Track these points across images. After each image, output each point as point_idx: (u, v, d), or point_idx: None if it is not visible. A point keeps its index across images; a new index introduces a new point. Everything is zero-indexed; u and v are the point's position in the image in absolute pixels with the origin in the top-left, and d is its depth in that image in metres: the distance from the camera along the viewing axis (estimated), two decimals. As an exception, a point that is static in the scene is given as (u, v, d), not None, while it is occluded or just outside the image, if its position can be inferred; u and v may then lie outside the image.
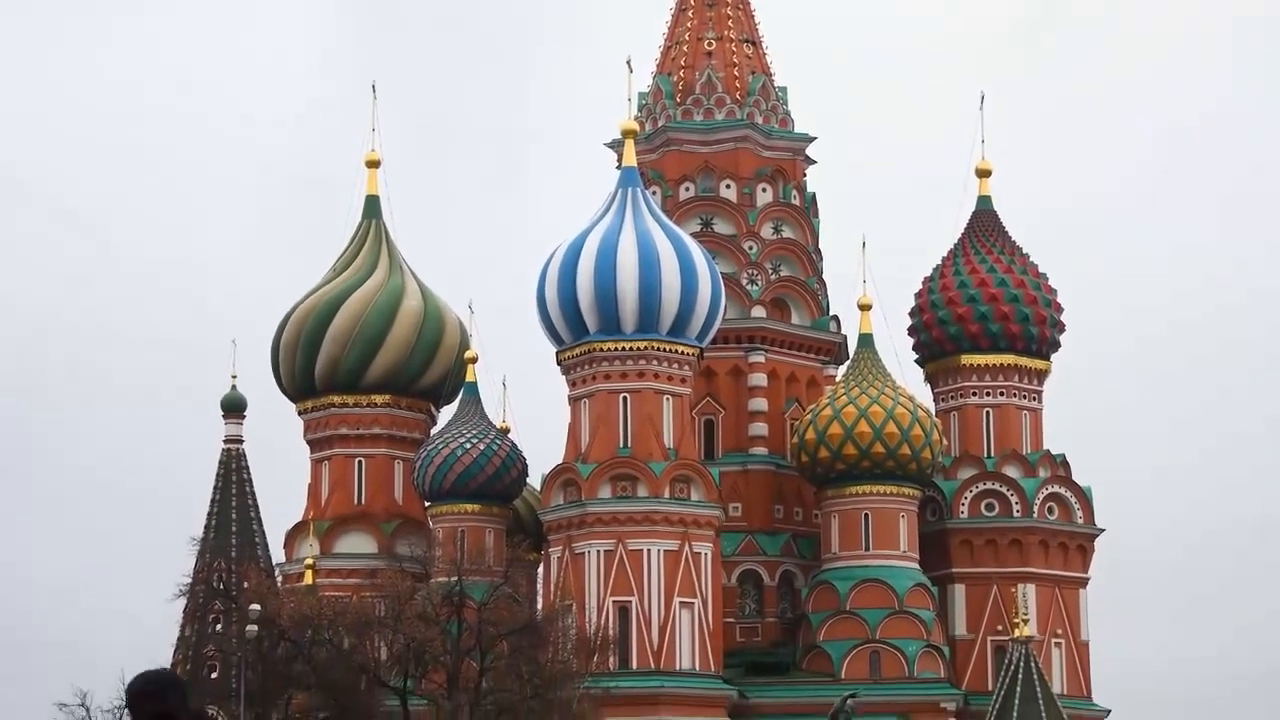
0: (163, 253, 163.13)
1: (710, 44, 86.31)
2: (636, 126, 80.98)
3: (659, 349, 74.80)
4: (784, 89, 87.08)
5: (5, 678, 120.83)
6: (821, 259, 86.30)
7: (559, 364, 76.83)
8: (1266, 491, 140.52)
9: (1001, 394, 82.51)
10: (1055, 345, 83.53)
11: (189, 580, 71.17)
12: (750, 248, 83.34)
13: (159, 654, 76.94)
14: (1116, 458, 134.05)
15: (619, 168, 79.21)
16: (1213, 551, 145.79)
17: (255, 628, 52.13)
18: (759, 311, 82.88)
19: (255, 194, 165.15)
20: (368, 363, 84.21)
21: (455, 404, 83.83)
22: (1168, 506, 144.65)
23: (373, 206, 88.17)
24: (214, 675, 73.68)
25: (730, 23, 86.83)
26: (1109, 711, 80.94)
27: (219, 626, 75.72)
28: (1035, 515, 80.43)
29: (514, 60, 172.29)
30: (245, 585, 70.19)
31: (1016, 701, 70.37)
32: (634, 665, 72.28)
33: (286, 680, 59.50)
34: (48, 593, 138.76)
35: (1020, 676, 70.82)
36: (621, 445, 74.95)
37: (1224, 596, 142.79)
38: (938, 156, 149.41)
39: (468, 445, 79.63)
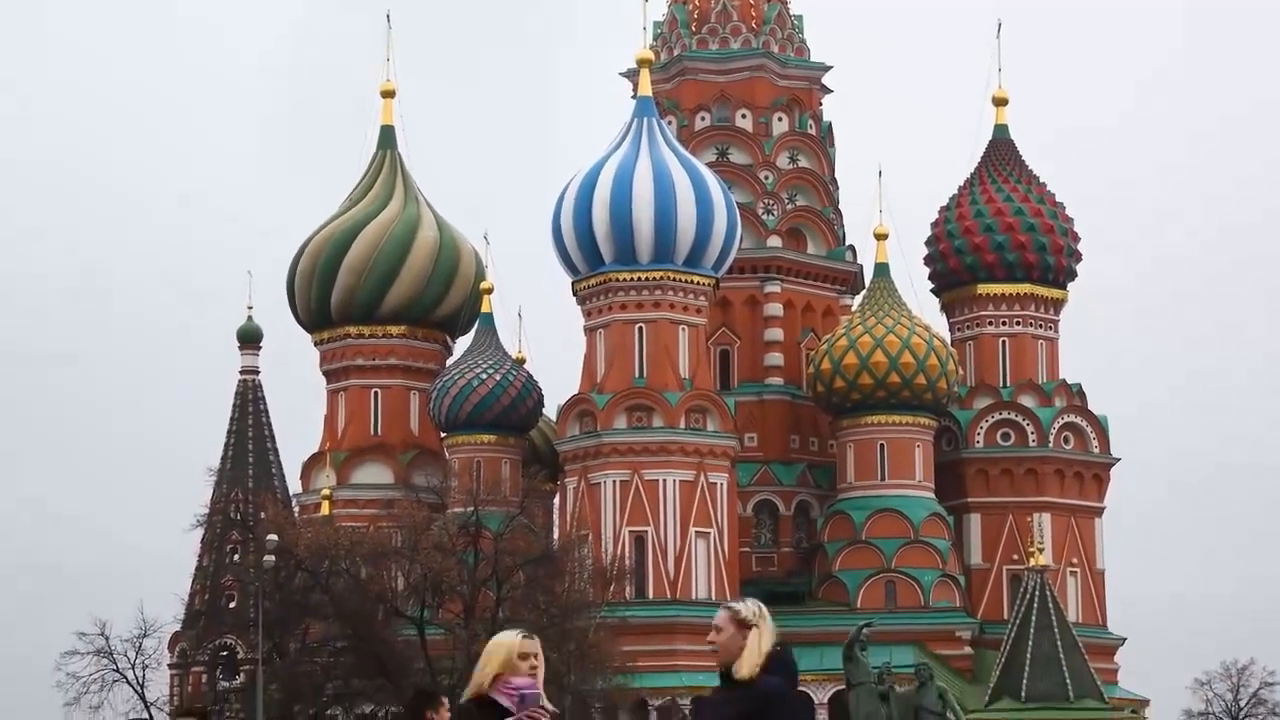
0: (178, 185, 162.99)
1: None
2: (652, 56, 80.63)
3: (674, 279, 74.69)
4: (800, 17, 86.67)
5: (25, 608, 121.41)
6: (837, 188, 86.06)
7: (574, 294, 76.76)
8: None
9: (1018, 323, 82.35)
10: (1072, 274, 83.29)
11: (206, 511, 71.39)
12: (766, 177, 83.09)
13: (177, 584, 77.38)
14: (1133, 387, 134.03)
15: (634, 97, 78.90)
16: (1229, 480, 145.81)
17: (272, 558, 52.27)
18: (775, 241, 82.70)
19: (270, 125, 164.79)
20: (383, 293, 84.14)
21: (471, 335, 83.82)
22: (1184, 435, 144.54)
23: (388, 137, 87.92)
24: (232, 605, 74.00)
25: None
26: (1124, 640, 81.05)
27: (236, 557, 76.00)
28: (1051, 445, 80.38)
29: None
30: (262, 516, 70.40)
31: (1031, 630, 70.40)
32: (650, 595, 72.47)
33: (304, 610, 59.68)
34: (66, 523, 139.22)
35: (1035, 605, 70.83)
36: (637, 375, 74.95)
37: (1239, 524, 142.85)
38: (954, 85, 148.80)
39: (483, 376, 79.64)
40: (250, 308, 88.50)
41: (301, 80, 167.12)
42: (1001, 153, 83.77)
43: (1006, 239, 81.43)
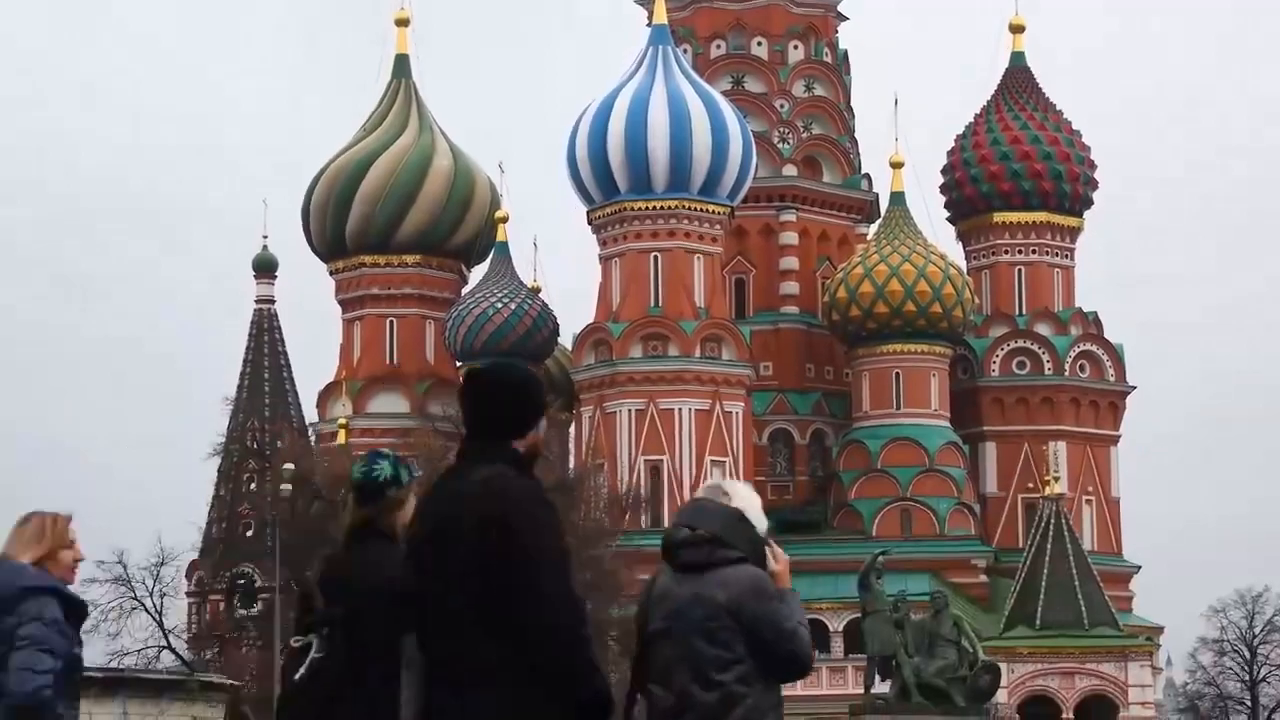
0: (193, 114, 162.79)
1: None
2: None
3: (690, 208, 74.60)
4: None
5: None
6: (853, 117, 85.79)
7: (589, 224, 76.70)
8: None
9: (1034, 252, 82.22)
10: (1088, 202, 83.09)
11: (223, 440, 71.55)
12: (781, 106, 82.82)
13: (194, 513, 77.69)
14: (1149, 315, 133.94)
15: (649, 25, 78.59)
16: (1244, 409, 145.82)
17: (289, 487, 52.32)
18: (790, 170, 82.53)
19: (285, 54, 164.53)
20: (398, 222, 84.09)
21: (486, 264, 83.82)
22: (1199, 363, 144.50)
23: (402, 66, 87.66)
24: (249, 534, 74.31)
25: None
26: (1139, 568, 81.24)
27: (253, 486, 76.23)
28: (1066, 373, 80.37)
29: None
30: (279, 445, 70.55)
31: (1047, 558, 70.53)
32: (665, 524, 72.54)
33: (321, 539, 59.82)
34: (83, 452, 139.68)
35: (1050, 533, 70.94)
36: (652, 305, 74.94)
37: (1255, 453, 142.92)
38: (971, 12, 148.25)
39: (499, 305, 79.66)
40: (265, 237, 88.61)
41: (316, 9, 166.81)
42: (1018, 80, 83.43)
43: (1022, 167, 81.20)
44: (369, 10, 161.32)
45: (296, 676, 7.92)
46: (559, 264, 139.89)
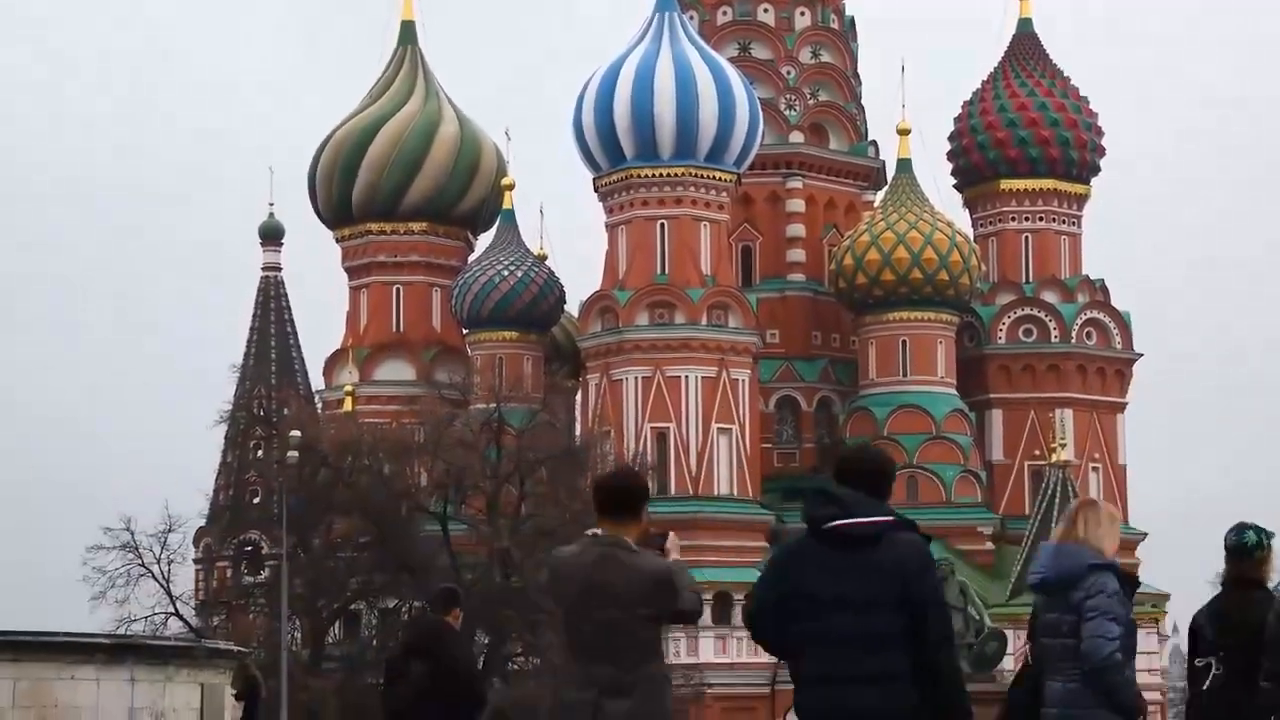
0: (199, 80, 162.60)
1: None
2: (673, -51, 79.98)
3: (696, 175, 74.50)
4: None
5: (50, 503, 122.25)
6: (860, 83, 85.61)
7: (596, 191, 76.62)
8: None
9: (1040, 219, 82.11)
10: (1095, 169, 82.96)
11: (230, 407, 71.57)
12: (788, 72, 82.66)
13: (201, 481, 77.78)
14: (1156, 282, 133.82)
15: (655, -9, 78.32)
16: (1251, 375, 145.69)
17: (296, 454, 52.36)
18: (797, 137, 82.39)
19: (291, 21, 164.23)
20: (405, 189, 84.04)
21: (492, 231, 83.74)
22: (1207, 331, 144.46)
23: (408, 32, 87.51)
24: (255, 501, 74.35)
25: None
26: (1146, 535, 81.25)
27: (260, 453, 76.23)
28: (1073, 340, 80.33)
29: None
30: (285, 412, 70.57)
31: (1053, 525, 70.66)
32: (672, 491, 72.71)
33: (327, 506, 59.86)
34: (91, 419, 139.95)
35: (1057, 501, 71.01)
36: (659, 272, 74.90)
37: (1261, 419, 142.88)
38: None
39: (505, 272, 79.61)
40: (272, 204, 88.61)
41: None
42: (1025, 47, 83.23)
43: (1030, 134, 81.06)
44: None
45: (1205, 687, 11.13)
46: (565, 231, 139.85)
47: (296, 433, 52.96)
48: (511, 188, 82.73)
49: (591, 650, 9.11)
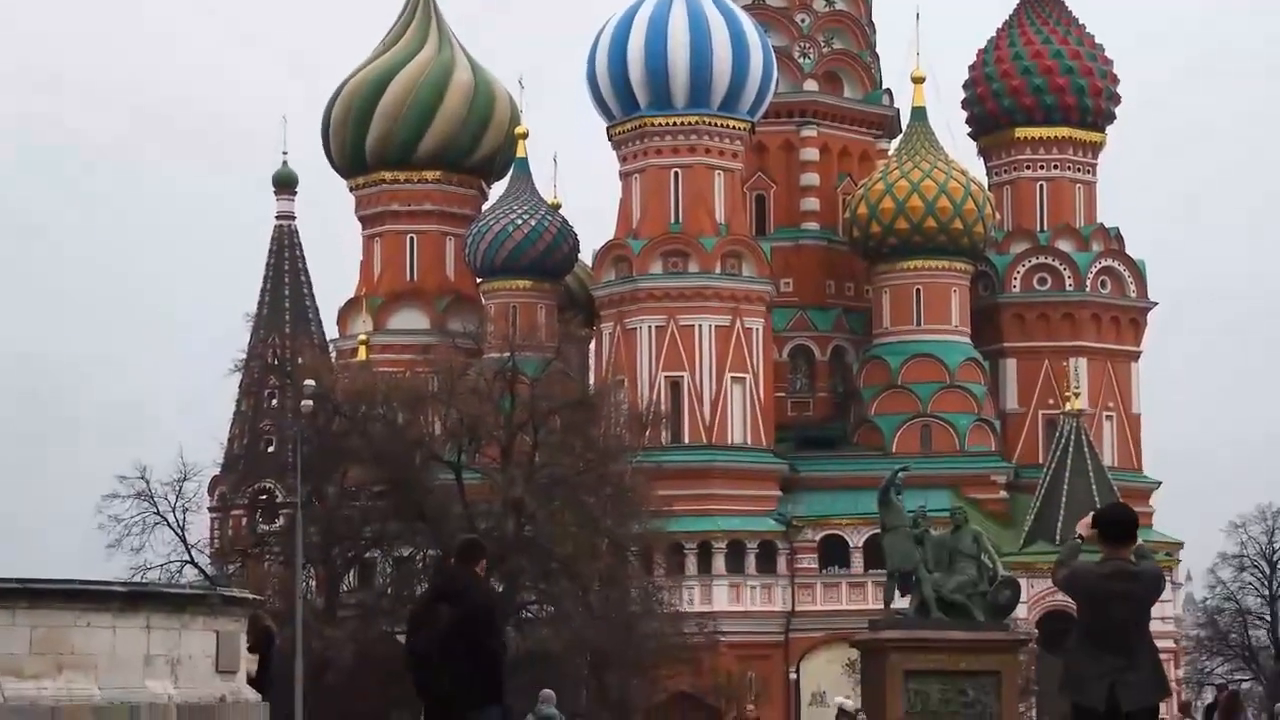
0: (212, 30, 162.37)
1: None
2: (687, -104, 79.61)
3: (710, 124, 74.34)
4: None
5: (66, 451, 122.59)
6: (874, 31, 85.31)
7: (610, 139, 76.47)
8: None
9: (1055, 167, 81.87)
10: (1110, 117, 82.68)
11: (244, 356, 71.64)
12: (802, 20, 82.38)
13: (216, 429, 77.94)
14: (1171, 231, 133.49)
15: (669, -61, 77.98)
16: (1266, 323, 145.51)
17: (310, 403, 52.39)
18: (811, 85, 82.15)
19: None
20: (418, 138, 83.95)
21: (506, 180, 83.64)
22: (1221, 279, 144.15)
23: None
24: (270, 449, 74.54)
25: None
26: (1159, 483, 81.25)
27: (274, 402, 76.39)
28: (1088, 289, 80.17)
29: None
30: (300, 361, 70.63)
31: (1067, 474, 70.68)
32: (685, 440, 72.78)
33: (341, 455, 59.93)
34: (107, 368, 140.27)
35: (1070, 450, 71.05)
36: (673, 221, 74.81)
37: (1276, 368, 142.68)
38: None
39: (519, 221, 79.52)
40: (285, 153, 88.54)
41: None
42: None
43: (1044, 82, 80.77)
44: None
45: None
46: (579, 180, 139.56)
47: (311, 382, 52.99)
48: (525, 136, 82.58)
49: (1107, 640, 11.73)
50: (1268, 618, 76.46)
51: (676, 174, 74.93)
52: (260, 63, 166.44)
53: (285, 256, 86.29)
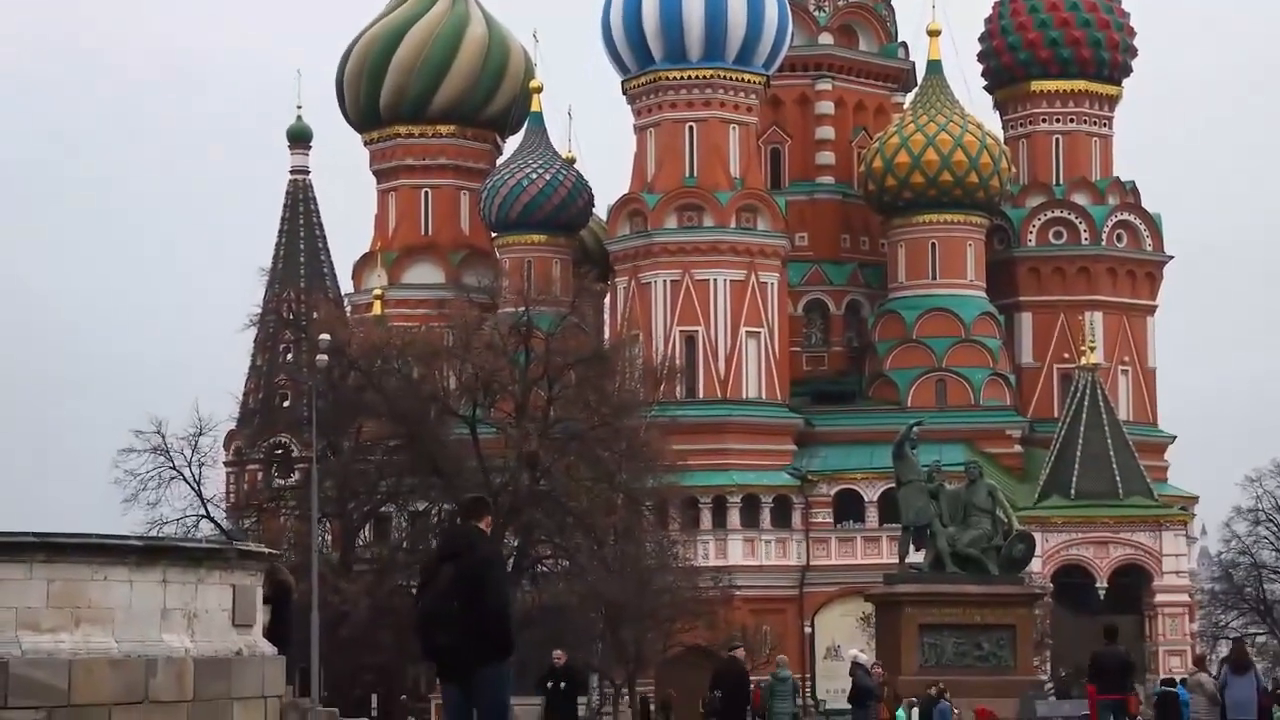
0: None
1: None
2: None
3: (725, 77, 74.16)
4: None
5: (83, 406, 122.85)
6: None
7: (624, 93, 76.31)
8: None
9: (1071, 120, 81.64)
10: (1127, 70, 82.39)
11: (259, 311, 71.63)
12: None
13: (231, 383, 78.06)
14: (1187, 184, 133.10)
15: (684, -109, 77.66)
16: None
17: (325, 358, 52.37)
18: (826, 38, 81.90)
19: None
20: (433, 92, 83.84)
21: (521, 134, 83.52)
22: (1237, 233, 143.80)
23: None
24: (285, 404, 74.58)
25: None
26: (1174, 437, 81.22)
27: (289, 356, 76.40)
28: (1104, 243, 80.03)
29: None
30: (315, 315, 70.63)
31: (1082, 428, 70.63)
32: (700, 395, 72.80)
33: (357, 409, 59.97)
34: (122, 323, 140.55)
35: (1086, 404, 70.98)
36: (687, 175, 74.70)
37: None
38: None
39: (533, 175, 79.42)
40: (300, 107, 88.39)
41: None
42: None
43: (1060, 34, 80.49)
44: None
45: None
46: (594, 134, 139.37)
47: (326, 336, 52.96)
48: (539, 90, 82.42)
49: None
50: (1282, 571, 76.45)
51: (691, 128, 74.78)
52: (275, 16, 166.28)
53: (300, 211, 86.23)
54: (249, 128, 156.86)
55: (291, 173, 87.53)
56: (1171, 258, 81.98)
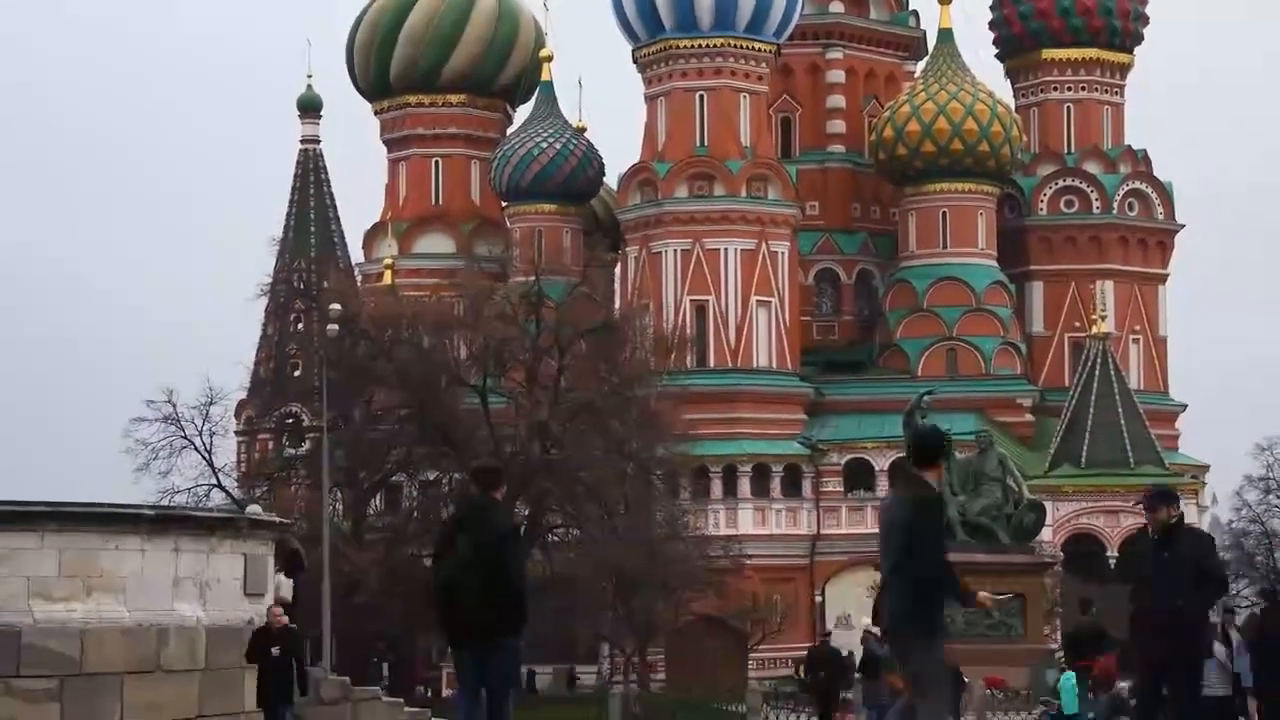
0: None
1: None
2: None
3: (736, 46, 73.99)
4: None
5: (94, 375, 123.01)
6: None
7: (635, 62, 76.17)
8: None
9: (1083, 89, 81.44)
10: (1138, 38, 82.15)
11: (270, 280, 71.64)
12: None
13: (242, 353, 78.09)
14: (1199, 152, 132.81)
15: None
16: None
17: (336, 327, 52.39)
18: (837, 7, 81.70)
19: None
20: (443, 62, 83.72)
21: (531, 103, 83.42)
22: (1248, 201, 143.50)
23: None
24: (296, 374, 74.57)
25: None
26: (1185, 406, 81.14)
27: (300, 326, 76.38)
28: (1115, 211, 79.90)
29: None
30: (325, 285, 70.60)
31: (1093, 397, 70.57)
32: (711, 364, 72.77)
33: (367, 379, 59.96)
34: (134, 292, 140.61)
35: (1097, 373, 70.91)
36: (698, 144, 74.58)
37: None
38: None
39: (544, 144, 79.33)
40: (310, 76, 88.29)
41: None
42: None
43: (1072, 2, 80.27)
44: None
45: None
46: (604, 104, 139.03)
47: (336, 306, 52.98)
48: (550, 59, 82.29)
49: None
50: (1293, 540, 76.44)
51: (702, 97, 74.64)
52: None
53: (310, 180, 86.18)
54: (259, 97, 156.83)
55: (302, 142, 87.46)
56: (1183, 226, 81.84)
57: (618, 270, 77.75)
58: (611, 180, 79.39)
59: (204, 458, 58.59)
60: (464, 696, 13.58)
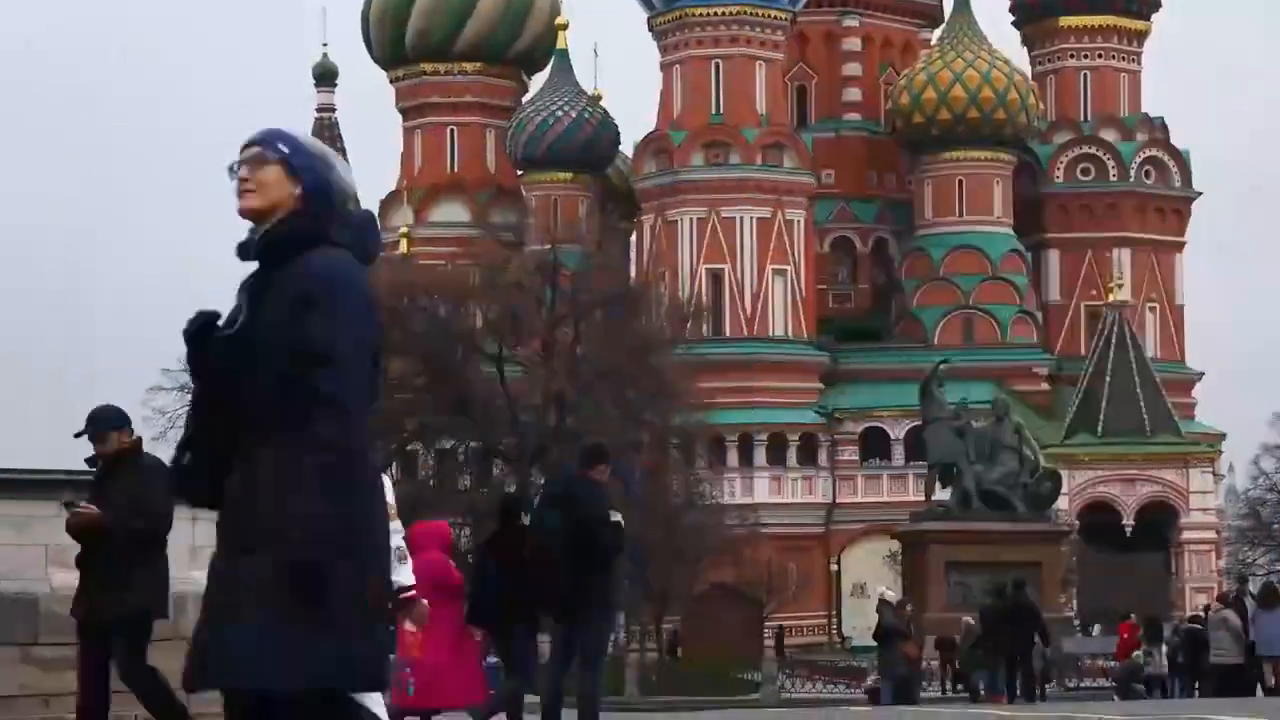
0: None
1: None
2: None
3: (751, 14, 73.85)
4: None
5: (111, 345, 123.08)
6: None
7: (650, 30, 76.06)
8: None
9: (1100, 56, 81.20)
10: (1155, 5, 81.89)
11: (285, 249, 71.57)
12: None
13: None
14: (1216, 120, 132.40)
15: None
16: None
17: (352, 296, 52.42)
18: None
19: None
20: (458, 30, 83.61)
21: (546, 72, 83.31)
22: (1265, 169, 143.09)
23: None
24: (313, 342, 74.67)
25: None
26: (1202, 375, 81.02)
27: (316, 295, 76.41)
28: (1132, 179, 79.71)
29: None
30: (341, 254, 70.55)
31: (1109, 366, 70.45)
32: (727, 333, 72.75)
33: (383, 348, 60.04)
34: (149, 262, 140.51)
35: (1113, 341, 70.79)
36: (714, 112, 74.47)
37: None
38: None
39: (559, 113, 79.25)
40: (325, 45, 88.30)
41: None
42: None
43: (1090, -31, 79.99)
44: None
45: None
46: (620, 72, 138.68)
47: (352, 275, 52.92)
48: (565, 27, 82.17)
49: None
50: (1310, 509, 76.35)
51: (718, 65, 74.51)
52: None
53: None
54: (275, 66, 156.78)
55: (317, 110, 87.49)
56: (1200, 194, 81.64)
57: (633, 239, 77.73)
58: (627, 149, 79.35)
59: (220, 427, 58.60)
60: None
